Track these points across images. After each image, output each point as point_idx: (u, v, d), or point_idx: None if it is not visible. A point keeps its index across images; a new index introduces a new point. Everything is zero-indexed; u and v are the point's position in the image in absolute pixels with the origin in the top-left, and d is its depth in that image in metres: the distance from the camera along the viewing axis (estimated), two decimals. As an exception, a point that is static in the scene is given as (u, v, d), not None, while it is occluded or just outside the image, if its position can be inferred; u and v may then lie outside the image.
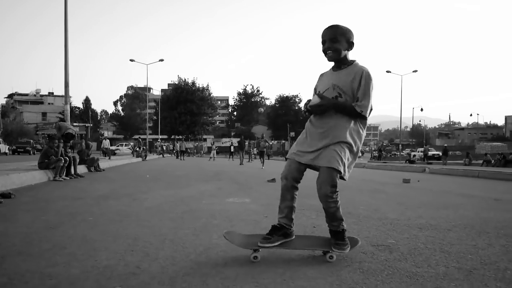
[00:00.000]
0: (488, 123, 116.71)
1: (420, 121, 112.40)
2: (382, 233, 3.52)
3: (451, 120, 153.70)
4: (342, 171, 2.54)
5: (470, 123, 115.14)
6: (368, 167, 21.38)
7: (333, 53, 2.58)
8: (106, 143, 28.09)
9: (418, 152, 43.86)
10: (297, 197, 2.73)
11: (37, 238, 3.20)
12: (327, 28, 2.61)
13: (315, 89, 2.80)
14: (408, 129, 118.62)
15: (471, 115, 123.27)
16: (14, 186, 7.04)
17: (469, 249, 2.99)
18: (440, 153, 32.77)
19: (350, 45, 2.61)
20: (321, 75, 2.82)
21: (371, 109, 2.62)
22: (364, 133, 2.70)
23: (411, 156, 37.14)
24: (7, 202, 5.21)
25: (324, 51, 2.61)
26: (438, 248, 3.00)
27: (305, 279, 2.25)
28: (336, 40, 2.55)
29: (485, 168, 20.85)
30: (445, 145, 38.99)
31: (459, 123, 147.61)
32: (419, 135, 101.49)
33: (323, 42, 2.60)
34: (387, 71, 43.11)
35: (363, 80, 2.53)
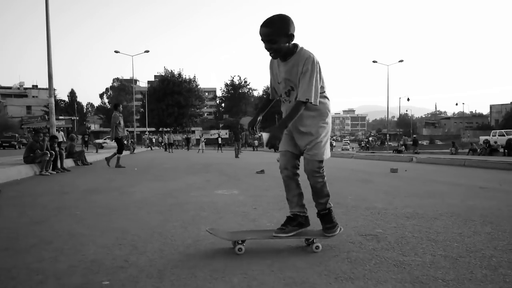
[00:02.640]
0: (474, 112, 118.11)
1: (406, 111, 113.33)
2: (370, 222, 3.56)
3: (437, 109, 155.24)
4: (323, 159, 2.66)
5: (456, 113, 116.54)
6: (356, 158, 21.52)
7: (275, 53, 2.53)
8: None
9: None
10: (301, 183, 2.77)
11: (23, 233, 3.17)
12: (262, 26, 2.48)
13: (273, 79, 2.78)
14: (395, 119, 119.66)
15: (456, 104, 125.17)
16: (0, 181, 6.94)
17: (455, 237, 3.03)
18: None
19: (290, 37, 2.50)
20: (271, 63, 2.74)
21: (322, 92, 2.61)
22: (325, 100, 2.67)
23: (399, 146, 37.41)
24: (-8, 197, 5.13)
25: (267, 50, 2.54)
26: (424, 237, 3.04)
27: (293, 270, 2.25)
28: (274, 41, 2.46)
29: (471, 156, 21.12)
30: (414, 135, 39.83)
31: (445, 112, 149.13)
32: (406, 125, 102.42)
33: (262, 41, 2.51)
34: (374, 61, 43.29)
35: (305, 66, 2.49)
